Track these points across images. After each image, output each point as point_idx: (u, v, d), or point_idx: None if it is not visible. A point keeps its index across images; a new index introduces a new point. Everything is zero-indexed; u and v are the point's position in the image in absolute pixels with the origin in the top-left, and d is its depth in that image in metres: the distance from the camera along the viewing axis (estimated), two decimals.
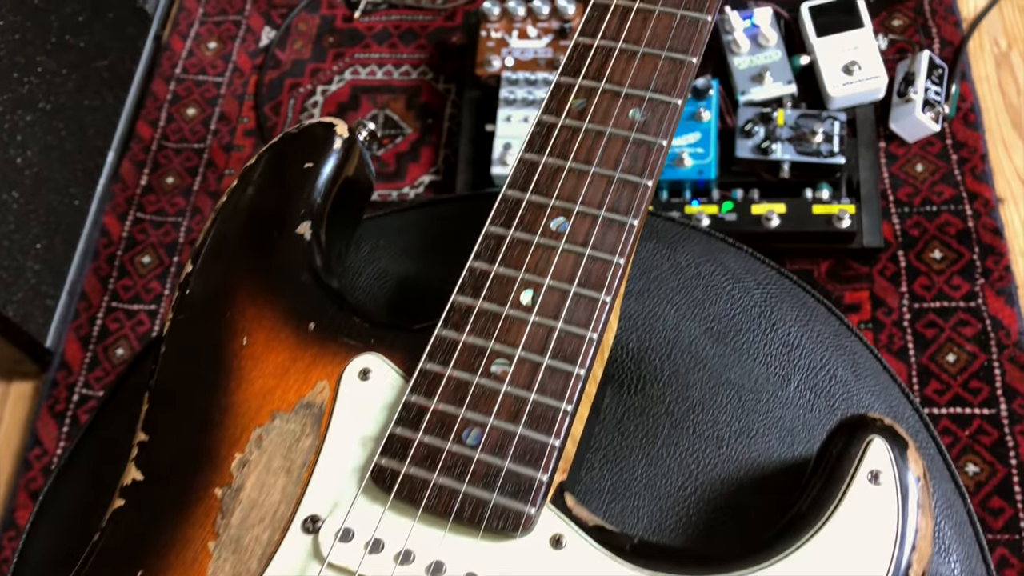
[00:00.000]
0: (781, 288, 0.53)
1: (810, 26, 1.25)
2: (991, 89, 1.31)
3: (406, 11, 1.51)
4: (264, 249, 0.49)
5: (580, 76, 0.48)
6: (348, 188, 0.52)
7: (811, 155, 1.19)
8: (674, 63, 0.47)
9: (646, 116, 0.46)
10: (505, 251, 0.45)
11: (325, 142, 0.51)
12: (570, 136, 0.47)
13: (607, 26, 0.48)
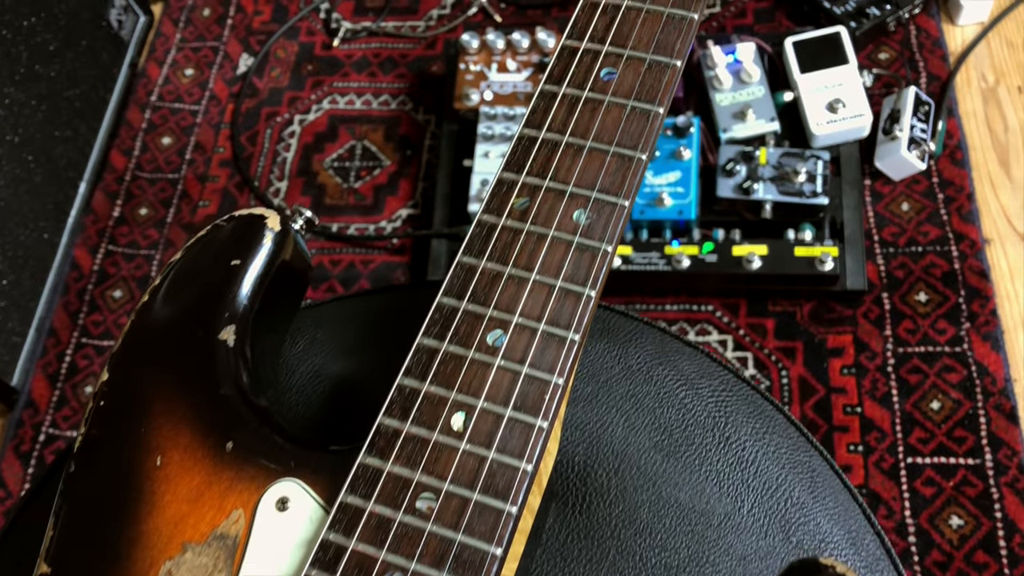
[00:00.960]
0: (737, 395, 0.49)
1: (794, 62, 1.22)
2: (978, 125, 1.27)
3: (386, 39, 1.47)
4: (183, 357, 0.45)
5: (524, 172, 0.44)
6: (283, 278, 0.48)
7: (794, 195, 1.15)
8: (622, 160, 0.43)
9: (591, 218, 0.42)
10: (437, 367, 0.42)
11: (255, 237, 0.47)
12: (511, 239, 0.43)
13: (553, 117, 0.45)
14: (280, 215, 0.47)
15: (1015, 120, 1.27)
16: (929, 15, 1.35)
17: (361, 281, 1.27)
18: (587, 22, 0.46)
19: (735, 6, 1.41)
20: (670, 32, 0.45)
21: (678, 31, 0.45)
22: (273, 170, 1.38)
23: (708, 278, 1.15)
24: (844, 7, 1.31)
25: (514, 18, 1.46)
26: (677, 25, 0.46)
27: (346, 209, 1.33)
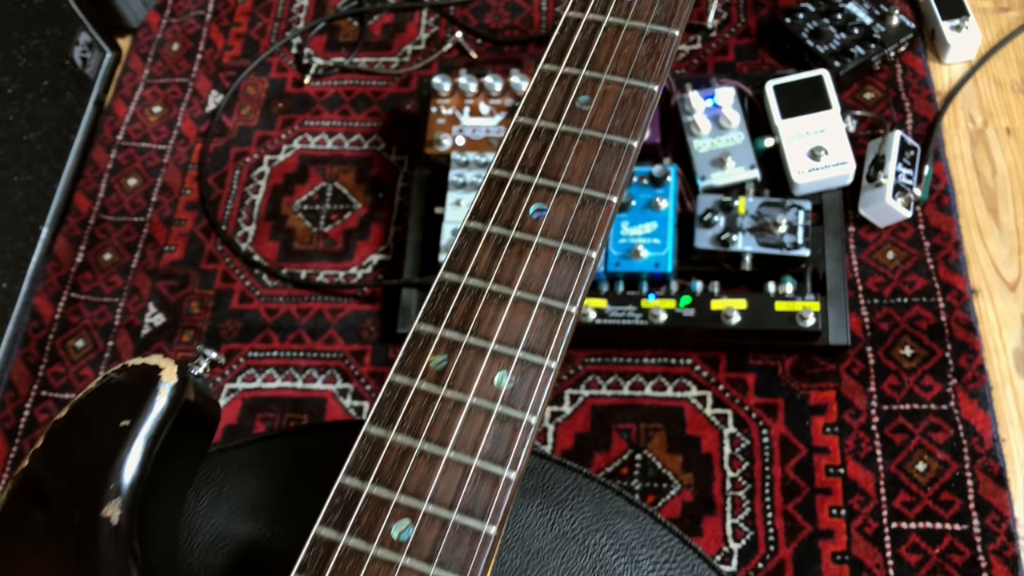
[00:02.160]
0: (681, 567, 0.44)
1: (775, 106, 1.16)
2: (966, 169, 1.22)
3: (359, 75, 1.42)
4: (61, 539, 0.40)
5: (442, 324, 0.39)
6: (182, 433, 0.43)
7: (774, 247, 1.10)
8: (550, 313, 0.38)
9: (514, 383, 0.37)
10: (334, 565, 0.36)
11: (148, 393, 0.42)
12: (425, 406, 0.38)
13: (477, 260, 0.39)
14: (178, 365, 0.42)
15: (1003, 163, 1.21)
16: (915, 53, 1.29)
17: (330, 331, 1.22)
18: (518, 149, 0.41)
19: (716, 43, 1.35)
20: (607, 162, 0.40)
21: (615, 161, 0.40)
22: (241, 213, 1.32)
23: (686, 332, 1.10)
24: (828, 46, 1.26)
25: (490, 54, 1.40)
26: (615, 154, 0.40)
27: (315, 255, 1.27)
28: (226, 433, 1.17)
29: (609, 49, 0.42)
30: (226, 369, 1.21)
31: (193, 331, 1.24)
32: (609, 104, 0.41)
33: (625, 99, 0.41)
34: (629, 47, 0.42)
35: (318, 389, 1.18)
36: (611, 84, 0.42)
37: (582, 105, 0.41)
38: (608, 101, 0.41)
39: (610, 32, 0.43)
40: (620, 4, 0.44)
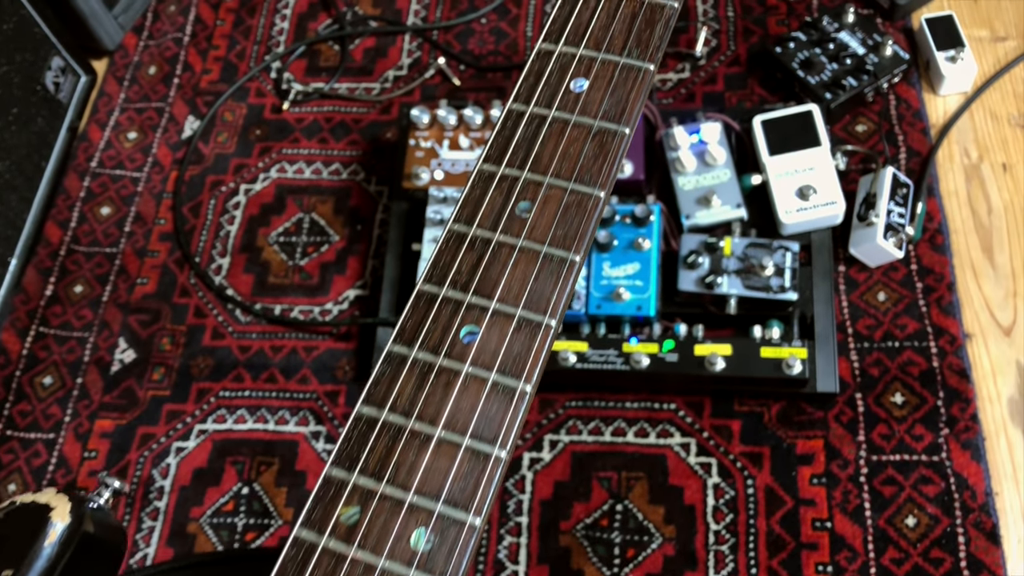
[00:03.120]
0: None
1: (762, 142, 1.12)
2: (960, 206, 1.17)
3: (339, 102, 1.37)
4: None
5: (356, 470, 0.34)
6: (83, 563, 0.38)
7: (760, 290, 1.05)
8: (477, 458, 0.34)
9: (432, 543, 0.33)
10: None
11: (36, 536, 0.37)
12: (331, 569, 0.33)
13: (400, 392, 0.35)
14: (72, 501, 0.37)
15: (999, 201, 1.16)
16: (910, 84, 1.24)
17: (303, 370, 1.17)
18: (451, 260, 0.37)
19: (705, 71, 1.30)
20: (546, 279, 0.36)
21: (556, 278, 0.35)
22: (216, 245, 1.27)
23: (669, 378, 1.05)
24: (819, 76, 1.21)
25: (473, 81, 1.35)
26: (555, 270, 0.36)
27: (290, 289, 1.23)
28: (195, 476, 1.12)
29: (554, 148, 0.38)
30: (196, 409, 1.16)
31: (164, 368, 1.19)
32: (551, 212, 0.37)
33: (569, 206, 0.37)
34: (575, 146, 0.38)
35: (290, 431, 1.13)
36: (554, 189, 0.37)
37: (522, 212, 0.36)
38: (550, 208, 0.37)
39: (555, 128, 0.39)
40: (567, 97, 0.40)
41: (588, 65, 0.42)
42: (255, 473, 1.12)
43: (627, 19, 0.42)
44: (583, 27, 0.43)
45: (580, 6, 0.43)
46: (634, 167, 1.12)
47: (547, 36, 0.43)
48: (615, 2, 0.43)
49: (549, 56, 0.42)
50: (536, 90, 0.40)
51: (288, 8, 1.47)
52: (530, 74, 0.42)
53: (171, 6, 1.49)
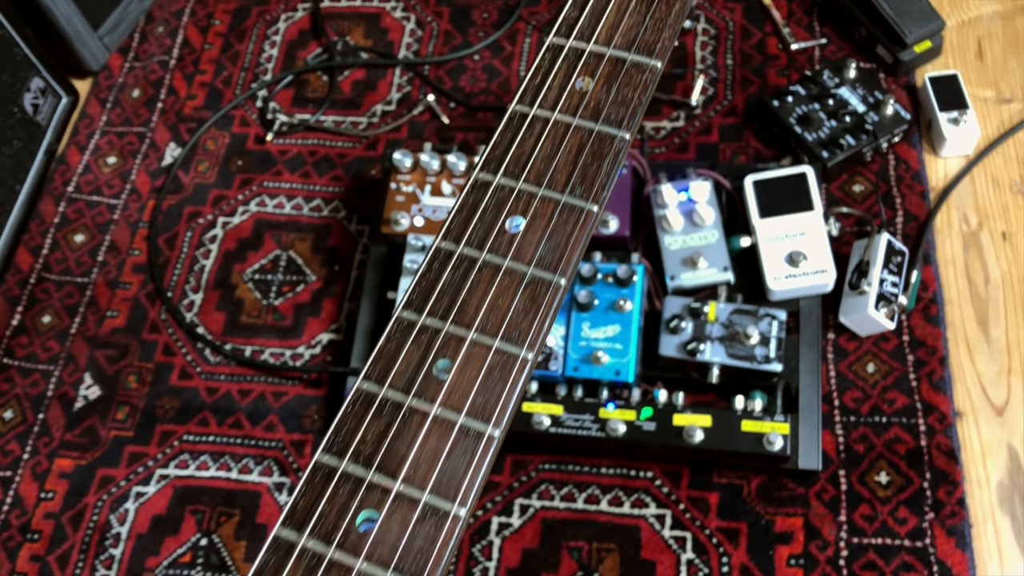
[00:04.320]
0: None
1: (753, 203, 1.07)
2: (957, 275, 1.12)
3: (324, 135, 1.33)
4: None
5: None
6: None
7: (744, 360, 1.01)
8: None
9: None
10: None
11: None
12: None
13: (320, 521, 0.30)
14: None
15: (997, 271, 1.12)
16: (910, 144, 1.20)
17: (271, 416, 1.13)
18: (355, 426, 0.32)
19: (700, 121, 1.26)
20: (459, 458, 0.31)
21: (470, 457, 0.31)
22: (189, 279, 1.23)
23: (646, 447, 1.01)
24: (816, 133, 1.16)
25: (463, 120, 1.31)
26: (471, 446, 0.32)
27: (262, 330, 1.19)
28: (153, 523, 1.08)
29: (481, 297, 0.34)
30: (159, 452, 1.12)
31: (128, 407, 1.15)
32: (472, 374, 0.32)
33: (492, 368, 0.33)
34: (505, 297, 0.34)
35: (253, 481, 1.09)
36: (478, 347, 0.33)
37: (440, 373, 0.32)
38: (471, 370, 0.32)
39: (486, 274, 0.35)
40: (501, 238, 0.36)
41: (527, 202, 0.37)
42: (215, 524, 1.07)
43: (573, 151, 0.38)
44: (525, 157, 0.39)
45: (524, 131, 0.39)
46: (619, 222, 1.08)
47: (486, 164, 0.39)
48: (561, 130, 0.39)
49: (486, 188, 0.38)
50: (468, 227, 0.36)
51: (278, 35, 1.43)
52: (464, 207, 0.38)
53: (159, 27, 1.46)
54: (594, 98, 0.40)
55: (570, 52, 0.42)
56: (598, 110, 0.40)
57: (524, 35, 1.37)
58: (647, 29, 0.42)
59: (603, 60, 0.41)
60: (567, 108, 0.40)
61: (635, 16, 0.43)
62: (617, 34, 0.42)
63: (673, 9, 0.42)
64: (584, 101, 0.40)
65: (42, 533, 1.08)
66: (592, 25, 0.43)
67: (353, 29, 1.42)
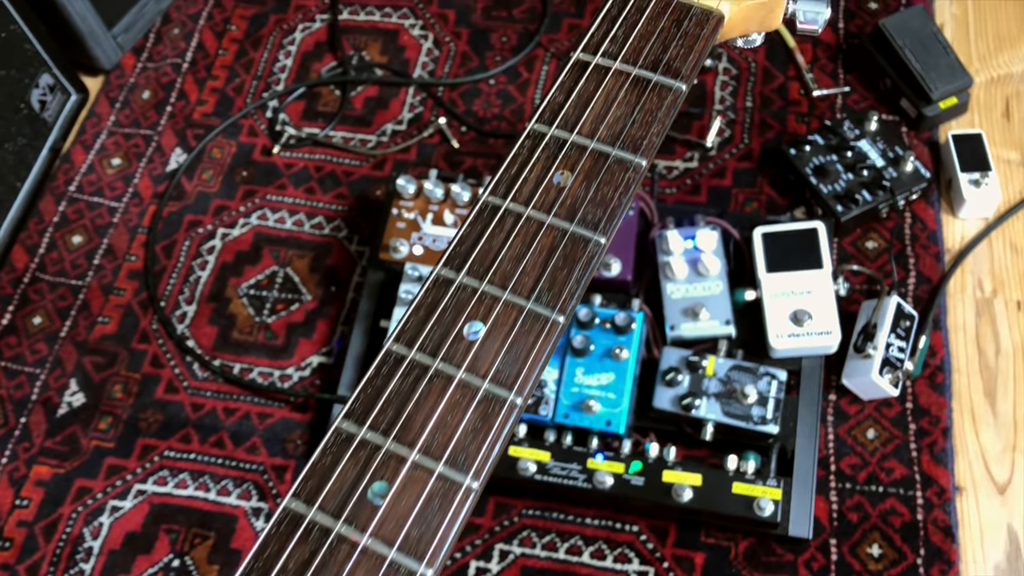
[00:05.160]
0: None
1: (761, 256, 1.04)
2: (967, 343, 1.09)
3: (332, 151, 1.31)
4: None
5: None
6: None
7: (740, 419, 0.97)
8: None
9: None
10: None
11: None
12: None
13: None
14: None
15: (1009, 342, 1.08)
16: (928, 202, 1.16)
17: (254, 438, 1.10)
18: (278, 550, 0.29)
19: (715, 163, 1.23)
20: None
21: None
22: (184, 290, 1.21)
23: (633, 502, 0.98)
24: (832, 186, 1.13)
25: (473, 145, 1.29)
26: None
27: (253, 348, 1.16)
28: (126, 540, 1.06)
29: (429, 412, 0.31)
30: (138, 467, 1.10)
31: (112, 418, 1.13)
32: (410, 502, 0.29)
33: (432, 496, 0.30)
34: (455, 415, 0.31)
35: (231, 504, 1.07)
36: (419, 471, 0.30)
37: (375, 497, 0.29)
38: (409, 496, 0.29)
39: (437, 386, 0.32)
40: (458, 345, 0.33)
41: (489, 306, 0.35)
42: (189, 545, 1.05)
43: (544, 252, 0.35)
44: (492, 255, 0.36)
45: (494, 226, 0.36)
46: (622, 266, 1.05)
47: (450, 260, 0.36)
48: (533, 228, 0.36)
49: (447, 286, 0.35)
50: (424, 330, 0.33)
51: (294, 45, 1.41)
52: (421, 307, 0.35)
53: (175, 29, 1.44)
54: (571, 195, 0.37)
55: (551, 141, 0.39)
56: (574, 209, 0.37)
57: (542, 62, 1.34)
58: (635, 123, 0.39)
59: (585, 153, 0.38)
60: (542, 204, 0.37)
61: (623, 107, 0.40)
62: (603, 126, 0.39)
63: (665, 102, 0.39)
64: (561, 198, 0.37)
65: (13, 541, 1.06)
66: (577, 113, 0.40)
67: (370, 44, 1.39)
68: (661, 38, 0.42)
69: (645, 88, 0.41)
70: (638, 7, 0.43)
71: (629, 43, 0.42)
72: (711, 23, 0.43)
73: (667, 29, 0.42)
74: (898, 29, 1.21)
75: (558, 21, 1.38)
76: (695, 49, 0.41)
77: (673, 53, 0.41)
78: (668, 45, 0.42)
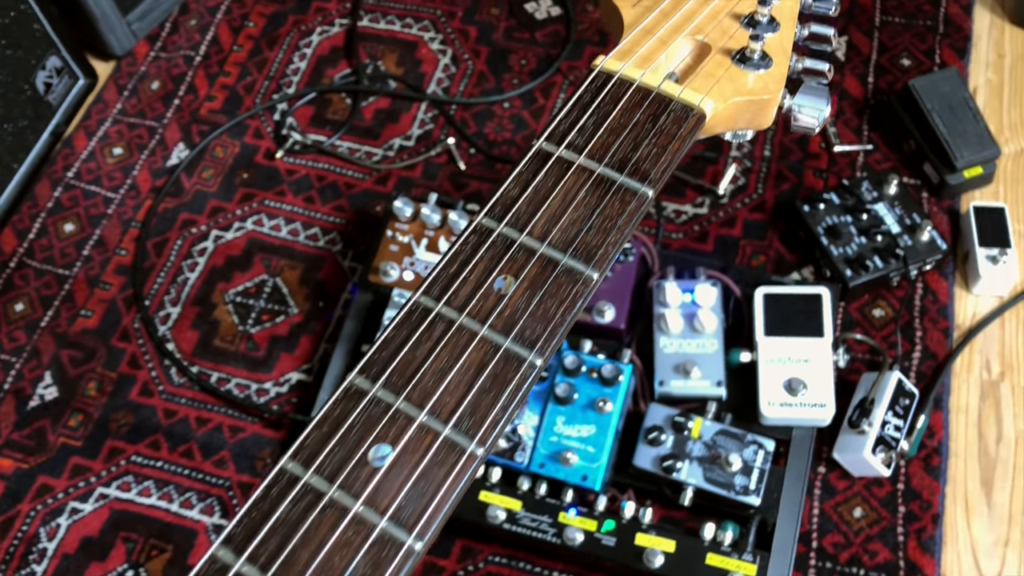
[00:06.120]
0: None
1: (760, 318, 1.00)
2: (968, 427, 1.04)
3: (335, 161, 1.27)
4: None
5: None
6: None
7: (721, 487, 0.93)
8: None
9: None
10: None
11: None
12: None
13: None
14: None
15: (1012, 430, 1.03)
16: (942, 273, 1.12)
17: (224, 451, 1.07)
18: None
19: (725, 211, 1.18)
20: None
21: None
22: (170, 291, 1.18)
23: (602, 562, 0.94)
24: (843, 249, 1.09)
25: (480, 169, 1.25)
26: None
27: (233, 358, 1.13)
28: (82, 545, 1.03)
29: (315, 549, 0.27)
30: (104, 469, 1.07)
31: (83, 415, 1.10)
32: None
33: None
34: (344, 555, 0.27)
35: (192, 519, 1.03)
36: None
37: None
38: None
39: (328, 519, 0.28)
40: (360, 471, 0.29)
41: (402, 427, 0.31)
42: (145, 557, 1.02)
43: (471, 370, 0.31)
44: (414, 366, 0.32)
45: (421, 332, 0.32)
46: (615, 313, 1.01)
47: (366, 367, 0.32)
48: (464, 339, 0.32)
49: (359, 398, 0.31)
50: (326, 447, 0.29)
51: (310, 48, 1.37)
52: (326, 420, 0.31)
53: (192, 20, 1.41)
54: (511, 305, 0.34)
55: (499, 240, 0.35)
56: (513, 322, 0.33)
57: (559, 89, 1.31)
58: (592, 228, 0.35)
59: (533, 258, 0.34)
60: (478, 312, 0.34)
61: (582, 208, 0.36)
62: (556, 228, 0.35)
63: (627, 208, 0.35)
64: (500, 307, 0.33)
65: None
66: (531, 211, 0.36)
67: (387, 55, 1.36)
68: (633, 134, 0.38)
69: (608, 190, 0.37)
70: (613, 96, 0.39)
71: (598, 136, 0.38)
72: (690, 122, 0.39)
73: (641, 124, 0.38)
74: (928, 91, 1.16)
75: (580, 48, 1.34)
76: (668, 150, 0.37)
77: (644, 152, 0.37)
78: (640, 143, 0.38)
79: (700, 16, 0.43)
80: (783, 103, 0.43)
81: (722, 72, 0.42)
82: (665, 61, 0.42)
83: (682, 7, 0.43)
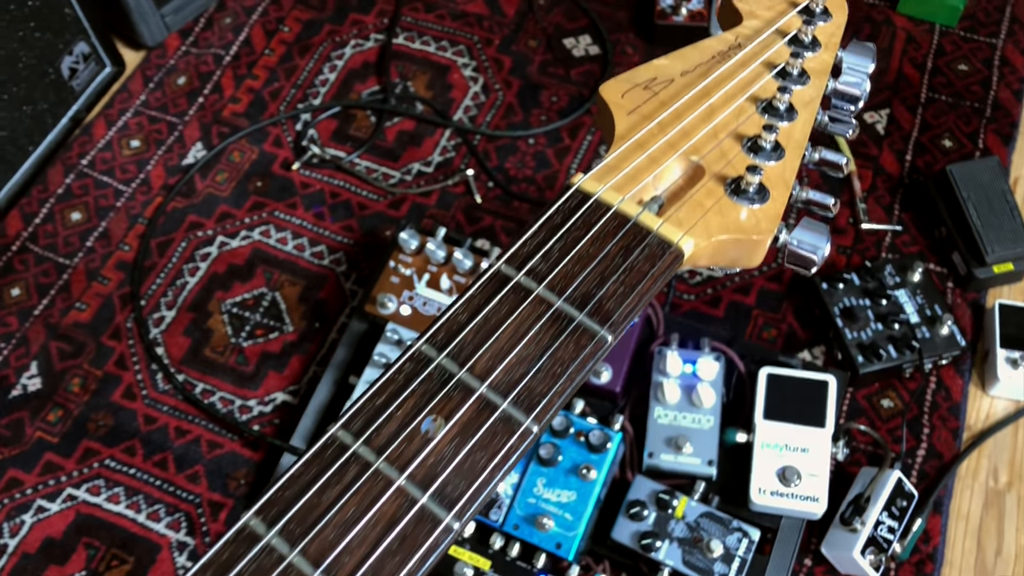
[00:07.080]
0: None
1: (761, 399, 0.95)
2: (967, 536, 0.99)
3: (351, 179, 1.24)
4: None
5: None
6: None
7: (699, 572, 0.89)
8: None
9: None
10: None
11: None
12: None
13: None
14: None
15: (1012, 544, 0.98)
16: (958, 370, 1.07)
17: (198, 466, 1.04)
18: None
19: (741, 277, 1.14)
20: None
21: None
22: (167, 293, 1.15)
23: None
24: (857, 333, 1.04)
25: (496, 204, 1.21)
26: None
27: (221, 370, 1.10)
28: (43, 546, 1.00)
29: None
30: (76, 470, 1.04)
31: (63, 411, 1.07)
32: None
33: None
34: None
35: (158, 532, 1.00)
36: None
37: None
38: None
39: None
40: None
41: None
42: (105, 566, 0.99)
43: (380, 525, 0.27)
44: (317, 514, 0.28)
45: (332, 473, 0.28)
46: (612, 375, 0.97)
47: (265, 508, 0.28)
48: (378, 488, 0.28)
49: (251, 544, 0.27)
50: None
51: (342, 60, 1.34)
52: (211, 565, 0.27)
53: (227, 18, 1.38)
54: (436, 453, 0.30)
55: (436, 372, 0.32)
56: (434, 474, 0.29)
57: (587, 131, 1.27)
58: (539, 372, 0.31)
59: (469, 399, 0.31)
60: (398, 457, 0.30)
61: (532, 347, 0.32)
62: (501, 367, 0.32)
63: (582, 352, 0.32)
64: (423, 453, 0.30)
65: None
66: (477, 342, 0.32)
67: (418, 75, 1.33)
68: (601, 267, 0.34)
69: (564, 329, 0.33)
70: (586, 221, 0.35)
71: (562, 264, 0.34)
72: (666, 260, 0.35)
73: (611, 256, 0.34)
74: (966, 178, 1.12)
75: None
76: (637, 290, 0.33)
77: (610, 290, 0.33)
78: (607, 278, 0.34)
79: (700, 134, 0.39)
80: (779, 235, 0.39)
81: (712, 203, 0.38)
82: (652, 183, 0.39)
83: (682, 121, 0.39)
